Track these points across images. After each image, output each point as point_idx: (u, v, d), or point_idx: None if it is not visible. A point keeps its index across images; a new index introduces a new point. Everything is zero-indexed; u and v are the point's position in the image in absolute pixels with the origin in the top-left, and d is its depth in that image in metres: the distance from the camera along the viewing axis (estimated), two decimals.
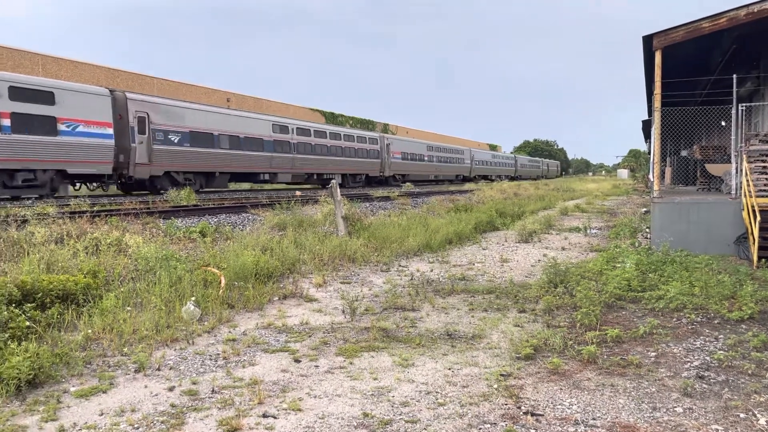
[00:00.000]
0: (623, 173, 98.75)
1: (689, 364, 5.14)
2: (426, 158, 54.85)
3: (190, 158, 26.60)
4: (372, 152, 44.49)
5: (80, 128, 21.77)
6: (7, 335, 5.16)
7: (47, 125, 20.64)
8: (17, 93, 19.94)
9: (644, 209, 21.11)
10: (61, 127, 21.14)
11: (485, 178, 71.79)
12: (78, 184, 24.74)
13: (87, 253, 8.51)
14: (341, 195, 13.32)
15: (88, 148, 21.97)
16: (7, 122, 19.60)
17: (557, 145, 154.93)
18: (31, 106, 20.21)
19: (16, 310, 5.57)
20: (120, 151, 23.37)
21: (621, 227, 15.59)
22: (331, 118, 62.05)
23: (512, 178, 79.50)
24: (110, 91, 23.84)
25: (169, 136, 25.51)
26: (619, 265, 9.02)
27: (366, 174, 43.78)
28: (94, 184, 25.75)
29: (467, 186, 47.80)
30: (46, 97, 20.77)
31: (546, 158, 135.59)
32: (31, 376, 4.53)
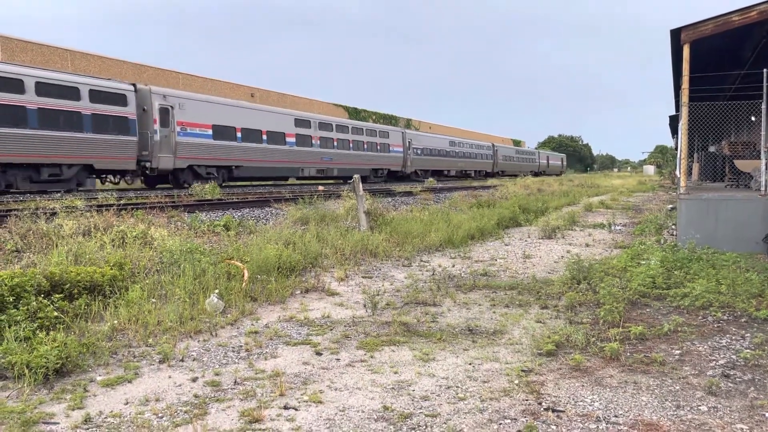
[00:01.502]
0: (649, 169, 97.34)
1: (714, 362, 5.06)
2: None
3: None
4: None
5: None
6: (36, 325, 5.28)
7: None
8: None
9: (670, 206, 20.79)
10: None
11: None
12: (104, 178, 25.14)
13: (113, 246, 8.66)
14: (363, 190, 13.34)
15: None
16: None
17: (582, 141, 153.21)
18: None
19: (45, 301, 5.69)
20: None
21: (646, 224, 15.38)
22: (354, 113, 62.15)
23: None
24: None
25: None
26: (643, 262, 8.90)
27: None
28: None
29: (490, 182, 47.54)
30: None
31: (568, 153, 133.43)
32: (58, 365, 4.63)
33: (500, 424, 3.88)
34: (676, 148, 22.09)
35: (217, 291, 6.88)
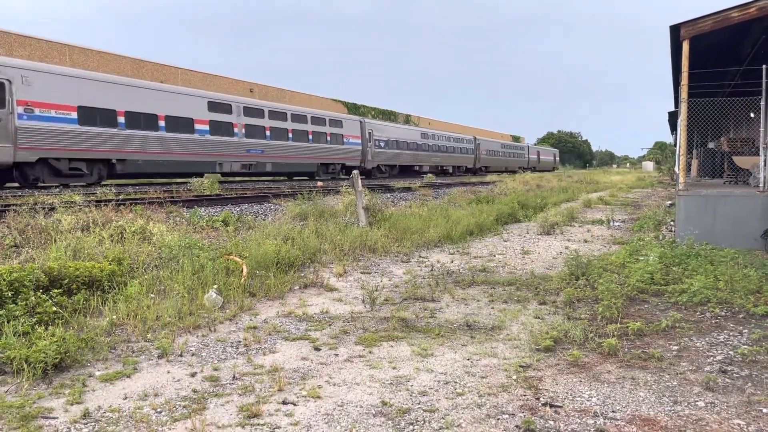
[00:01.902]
0: (648, 165, 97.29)
1: (712, 358, 5.08)
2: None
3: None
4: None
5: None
6: (34, 320, 5.28)
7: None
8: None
9: (669, 202, 20.81)
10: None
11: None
12: None
13: (112, 241, 8.66)
14: (362, 186, 13.34)
15: None
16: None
17: (581, 137, 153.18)
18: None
19: (44, 296, 5.69)
20: None
21: (645, 220, 15.39)
22: (354, 108, 62.07)
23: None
24: None
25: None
26: (642, 258, 8.91)
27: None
28: None
29: (489, 177, 47.40)
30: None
31: (567, 150, 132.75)
32: (57, 360, 4.63)
33: (498, 419, 3.89)
34: (675, 145, 22.11)
35: (215, 286, 6.89)
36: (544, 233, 13.87)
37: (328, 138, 36.76)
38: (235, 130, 29.07)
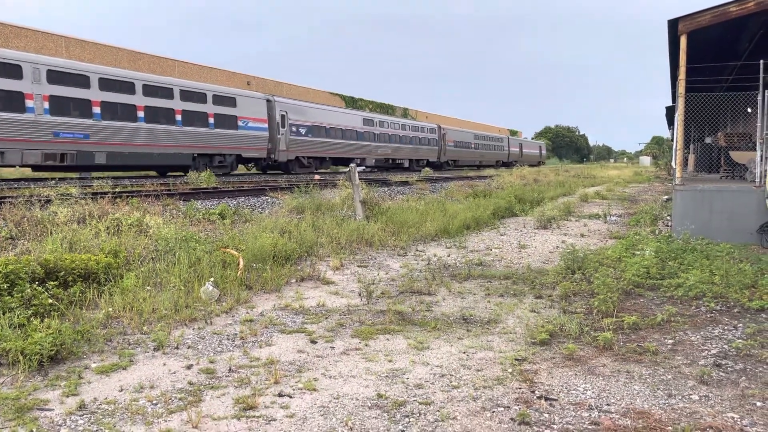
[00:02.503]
0: (645, 160, 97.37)
1: (707, 352, 5.10)
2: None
3: None
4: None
5: None
6: (30, 312, 5.27)
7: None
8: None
9: (666, 197, 20.84)
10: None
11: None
12: None
13: (108, 233, 8.64)
14: (359, 179, 13.32)
15: None
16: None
17: (578, 132, 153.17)
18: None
19: (40, 288, 5.69)
20: None
21: (641, 214, 15.42)
22: (351, 102, 61.96)
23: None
24: None
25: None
26: (638, 253, 8.93)
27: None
28: None
29: (486, 172, 47.15)
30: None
31: (564, 144, 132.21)
32: (53, 352, 4.63)
33: (493, 411, 3.91)
34: (672, 140, 22.12)
35: (212, 279, 6.88)
36: (540, 227, 13.88)
37: (211, 120, 27.57)
38: (29, 103, 20.35)
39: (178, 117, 26.04)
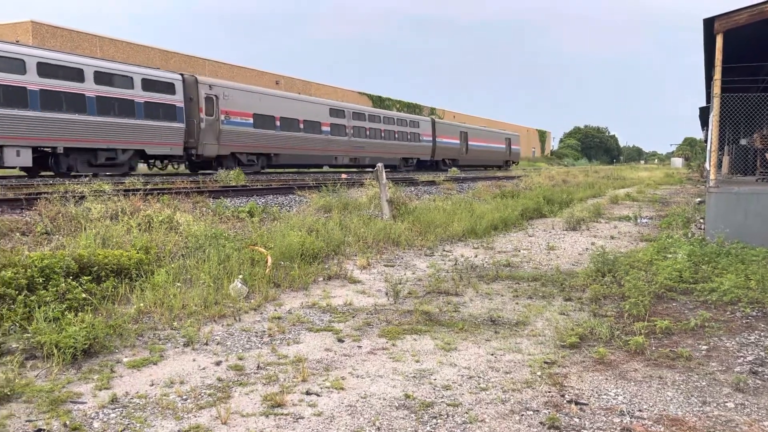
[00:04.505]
0: (677, 162, 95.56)
1: (742, 358, 4.97)
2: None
3: None
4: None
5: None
6: (64, 306, 5.38)
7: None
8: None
9: (699, 199, 20.43)
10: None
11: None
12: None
13: (140, 230, 8.77)
14: (386, 178, 13.32)
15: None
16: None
17: (608, 132, 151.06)
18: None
19: (74, 283, 5.79)
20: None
21: (673, 217, 15.12)
22: (379, 101, 62.03)
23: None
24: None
25: None
26: (670, 256, 8.76)
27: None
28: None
29: (514, 172, 46.64)
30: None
31: (593, 145, 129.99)
32: (86, 346, 4.71)
33: (522, 415, 3.86)
34: (706, 141, 21.66)
35: (241, 276, 6.94)
36: (569, 229, 13.72)
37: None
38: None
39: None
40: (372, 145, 38.43)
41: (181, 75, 26.54)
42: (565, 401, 4.07)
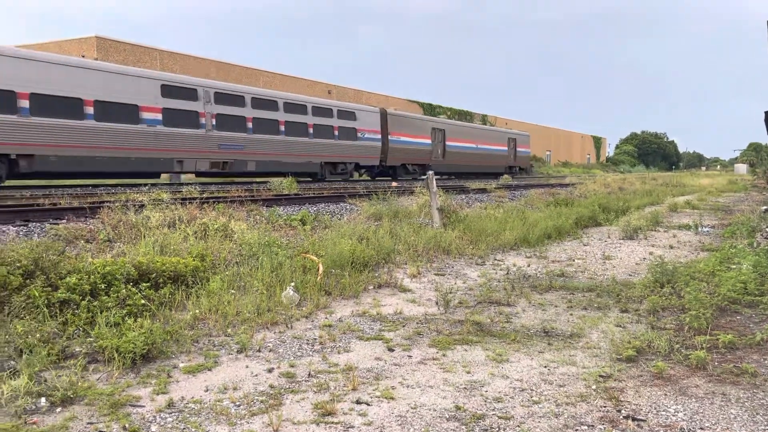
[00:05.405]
0: (741, 168, 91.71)
1: None
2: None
3: None
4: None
5: None
6: (124, 311, 5.56)
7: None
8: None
9: (765, 207, 19.54)
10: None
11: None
12: None
13: (196, 238, 9.00)
14: (437, 186, 13.29)
15: None
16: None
17: (667, 138, 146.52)
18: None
19: (134, 289, 5.99)
20: None
21: (737, 226, 14.50)
22: (429, 109, 61.98)
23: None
24: None
25: None
26: (734, 267, 8.41)
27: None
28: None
29: (568, 179, 45.83)
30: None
31: (651, 151, 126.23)
32: (145, 351, 4.85)
33: (576, 429, 3.77)
34: None
35: (293, 284, 7.03)
36: (626, 238, 13.34)
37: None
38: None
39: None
40: (261, 144, 27.14)
41: None
42: (621, 417, 3.95)
